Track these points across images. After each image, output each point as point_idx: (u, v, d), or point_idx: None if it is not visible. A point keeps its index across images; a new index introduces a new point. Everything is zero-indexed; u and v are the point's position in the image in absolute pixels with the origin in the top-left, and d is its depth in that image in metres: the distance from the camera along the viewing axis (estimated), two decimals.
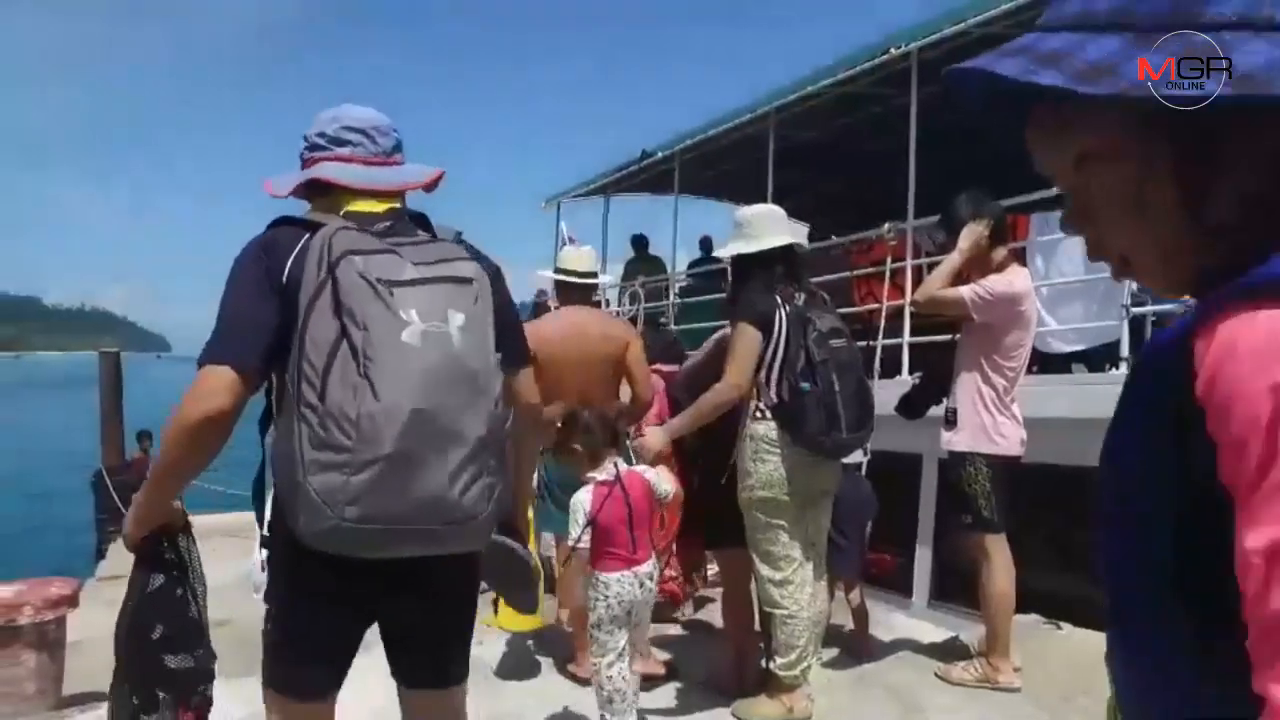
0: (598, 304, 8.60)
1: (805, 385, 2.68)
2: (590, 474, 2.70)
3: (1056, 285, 4.82)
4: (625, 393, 3.45)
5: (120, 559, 7.92)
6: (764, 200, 7.04)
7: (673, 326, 7.23)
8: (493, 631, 4.18)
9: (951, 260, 3.11)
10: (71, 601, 3.78)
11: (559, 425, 2.87)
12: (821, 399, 2.69)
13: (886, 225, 5.72)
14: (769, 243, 2.86)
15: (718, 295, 7.86)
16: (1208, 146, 0.57)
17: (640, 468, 2.80)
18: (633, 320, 8.22)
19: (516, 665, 3.88)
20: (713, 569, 4.54)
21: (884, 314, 5.50)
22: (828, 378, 2.69)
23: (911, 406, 3.58)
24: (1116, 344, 4.26)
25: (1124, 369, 4.20)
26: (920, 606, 5.32)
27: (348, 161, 1.65)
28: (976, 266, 3.14)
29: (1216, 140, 0.56)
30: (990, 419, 3.11)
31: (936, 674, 3.45)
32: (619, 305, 8.76)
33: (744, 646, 3.32)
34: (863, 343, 5.83)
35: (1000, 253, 3.18)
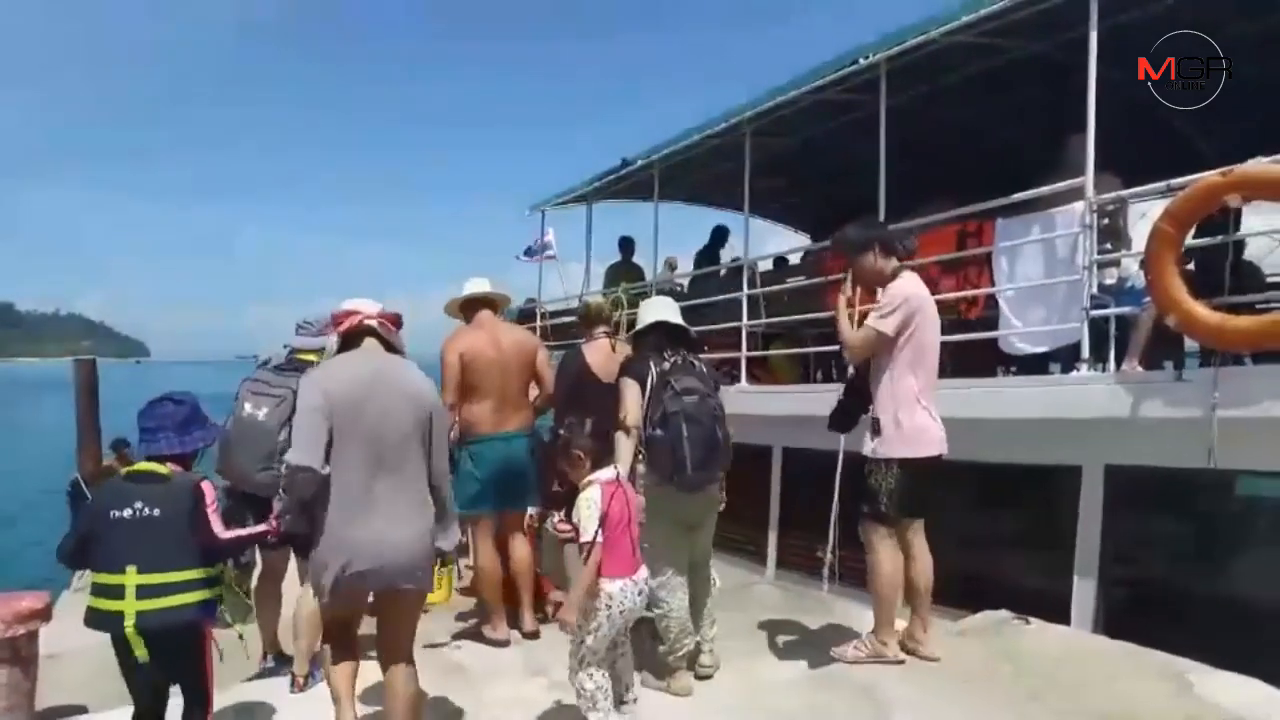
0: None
1: (658, 433, 3.33)
2: (593, 475, 2.93)
3: (1020, 288, 4.90)
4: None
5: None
6: (741, 206, 7.14)
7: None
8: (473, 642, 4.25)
9: (843, 314, 3.67)
10: (44, 615, 3.76)
11: (560, 433, 3.15)
12: (671, 444, 3.30)
13: None
14: (646, 320, 3.64)
15: (705, 299, 7.92)
16: None
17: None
18: (617, 326, 8.21)
19: (495, 671, 3.92)
20: None
21: (856, 319, 5.57)
22: (677, 427, 3.30)
23: (841, 420, 3.90)
24: (1078, 345, 4.34)
25: (1085, 370, 4.29)
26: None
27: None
28: (874, 284, 3.66)
29: None
30: (909, 424, 3.47)
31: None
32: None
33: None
34: (836, 346, 5.94)
35: (891, 264, 3.63)
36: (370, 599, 2.88)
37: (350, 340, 2.90)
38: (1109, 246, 4.47)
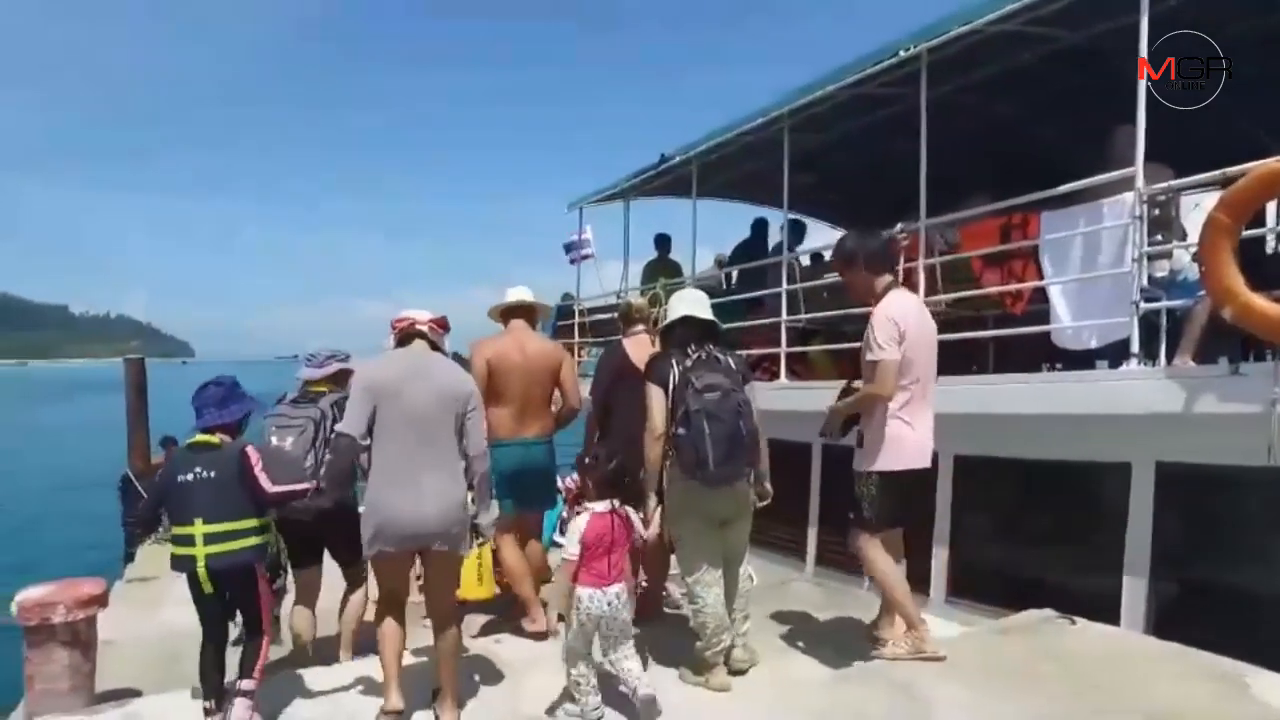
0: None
1: (681, 431, 3.43)
2: (590, 505, 3.36)
3: (1068, 282, 4.80)
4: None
5: (147, 562, 8.08)
6: (780, 203, 7.11)
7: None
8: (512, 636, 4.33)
9: (846, 407, 3.76)
10: (101, 601, 3.87)
11: (586, 463, 3.55)
12: (693, 441, 3.39)
13: (899, 225, 5.74)
14: (674, 315, 3.72)
15: (739, 296, 7.90)
16: None
17: (628, 509, 3.45)
18: (654, 323, 8.21)
19: (534, 661, 3.96)
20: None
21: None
22: (699, 424, 3.39)
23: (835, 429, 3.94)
24: (1128, 340, 4.24)
25: (1135, 365, 4.19)
26: (937, 602, 5.32)
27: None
28: (864, 298, 3.76)
29: None
30: (893, 439, 3.61)
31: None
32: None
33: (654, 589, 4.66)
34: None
35: (884, 280, 3.75)
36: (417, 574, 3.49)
37: (404, 340, 3.48)
38: (1160, 238, 4.36)
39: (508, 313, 4.60)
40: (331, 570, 4.38)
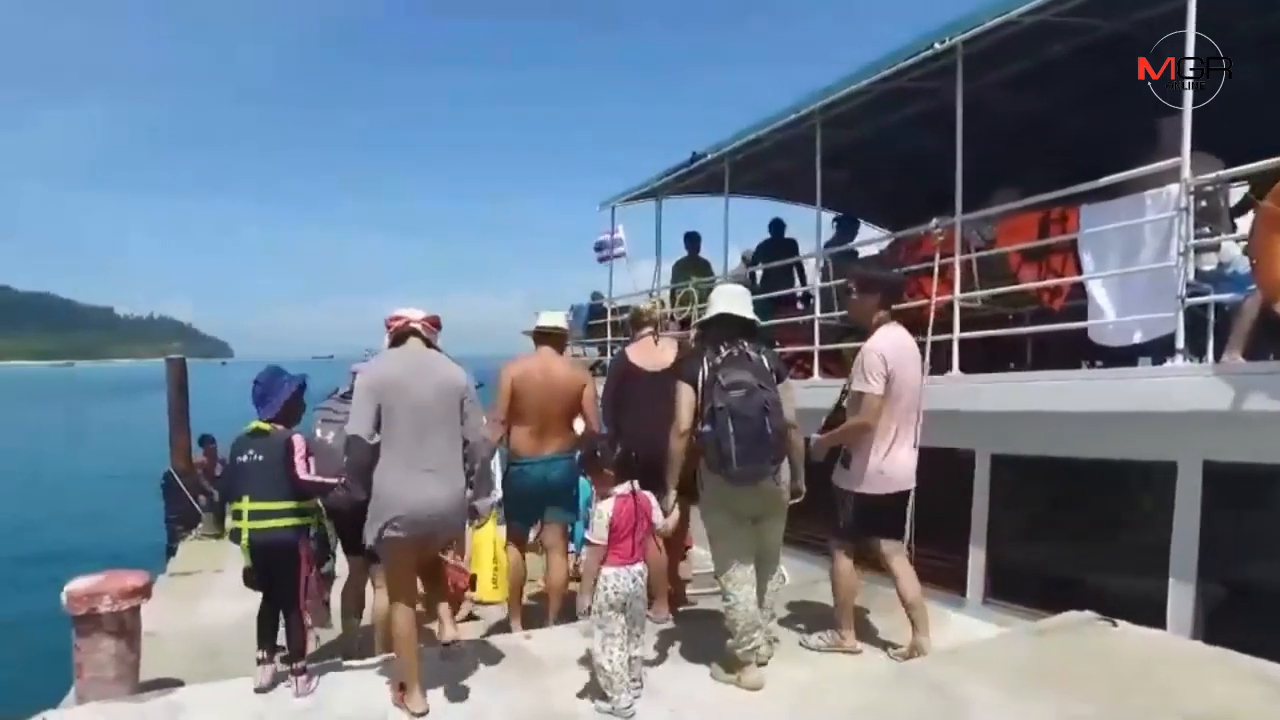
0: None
1: (706, 428, 3.49)
2: (613, 489, 3.49)
3: (1109, 276, 4.68)
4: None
5: (188, 557, 8.27)
6: (812, 200, 7.05)
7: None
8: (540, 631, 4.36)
9: (833, 438, 4.00)
10: (145, 592, 3.97)
11: (595, 453, 3.69)
12: (716, 438, 3.45)
13: (934, 221, 5.65)
14: (712, 312, 3.76)
15: (769, 294, 7.85)
16: None
17: (647, 493, 3.59)
18: (685, 323, 8.21)
19: (563, 659, 3.97)
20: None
21: (933, 310, 5.44)
22: (723, 422, 3.44)
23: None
24: (1173, 336, 4.12)
25: (1180, 361, 4.08)
26: (975, 604, 5.24)
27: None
28: (863, 324, 4.04)
29: None
30: (875, 465, 3.88)
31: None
32: (672, 308, 8.72)
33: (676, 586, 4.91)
34: (917, 339, 5.80)
35: (882, 315, 4.04)
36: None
37: (399, 338, 3.63)
38: (1207, 230, 4.24)
39: (539, 336, 4.86)
40: None
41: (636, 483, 3.53)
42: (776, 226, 8.66)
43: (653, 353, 4.75)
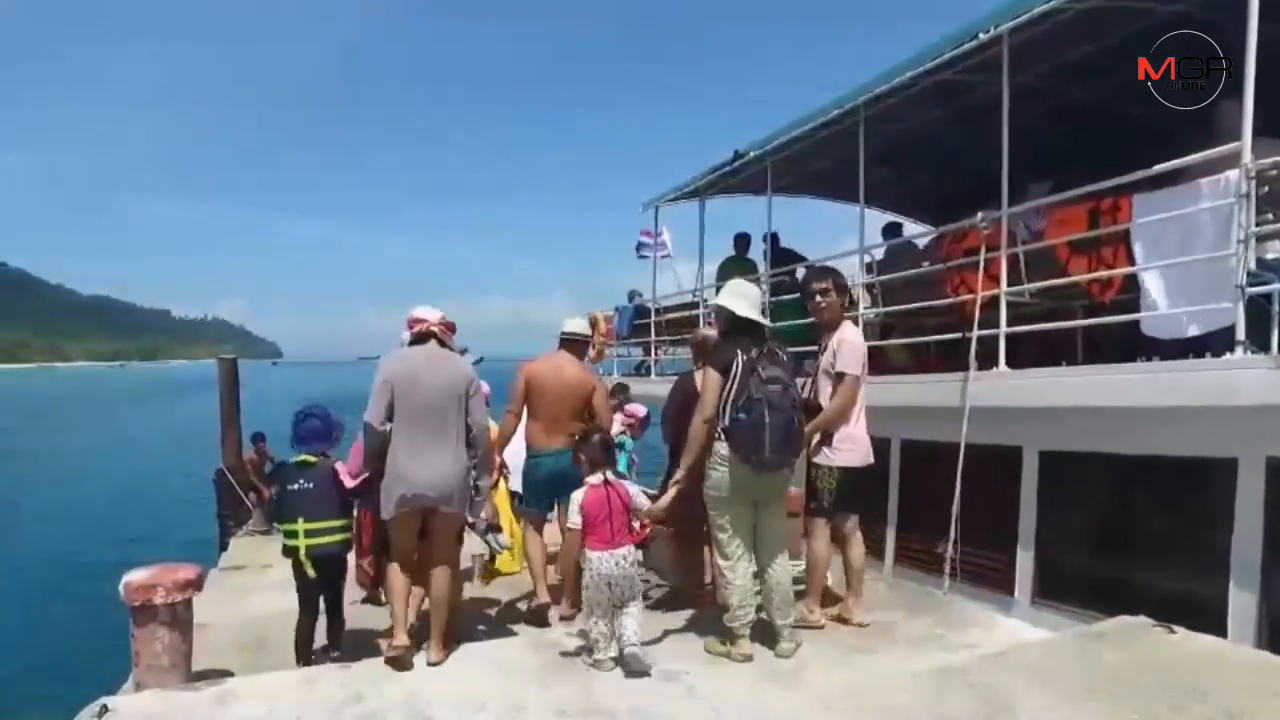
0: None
1: (742, 416, 3.66)
2: (588, 479, 3.89)
3: (1164, 267, 4.51)
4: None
5: (239, 552, 8.49)
6: (855, 198, 6.97)
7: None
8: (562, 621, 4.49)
9: (827, 416, 4.29)
10: (197, 585, 4.07)
11: (576, 439, 4.18)
12: (753, 427, 3.63)
13: (980, 214, 5.53)
14: (748, 314, 3.92)
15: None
16: None
17: (626, 482, 4.04)
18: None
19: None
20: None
21: (978, 304, 5.32)
22: (760, 412, 3.63)
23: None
24: (1232, 328, 3.96)
25: (1241, 353, 3.91)
26: (1023, 605, 5.11)
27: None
28: (835, 319, 4.43)
29: None
30: (855, 439, 4.31)
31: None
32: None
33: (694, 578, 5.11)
34: (957, 334, 5.69)
35: (845, 312, 4.59)
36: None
37: (419, 338, 4.08)
38: (1270, 218, 4.06)
39: (561, 340, 5.32)
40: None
41: (610, 472, 3.90)
42: (773, 240, 8.75)
43: None
